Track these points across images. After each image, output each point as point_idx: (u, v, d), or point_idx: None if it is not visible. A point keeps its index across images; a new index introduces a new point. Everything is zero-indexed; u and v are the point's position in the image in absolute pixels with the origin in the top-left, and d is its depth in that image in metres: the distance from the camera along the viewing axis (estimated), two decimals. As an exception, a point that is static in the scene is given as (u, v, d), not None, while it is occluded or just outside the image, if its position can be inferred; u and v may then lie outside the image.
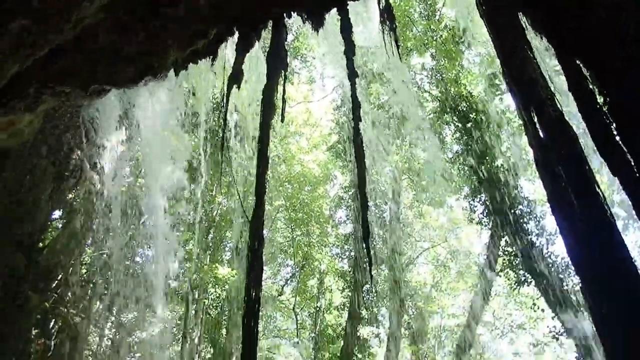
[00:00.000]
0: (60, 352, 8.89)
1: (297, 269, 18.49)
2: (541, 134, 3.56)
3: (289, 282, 19.61)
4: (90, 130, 7.71)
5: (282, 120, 5.03)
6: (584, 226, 3.15)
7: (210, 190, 14.64)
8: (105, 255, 10.34)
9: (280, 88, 5.17)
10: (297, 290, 19.02)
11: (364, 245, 4.15)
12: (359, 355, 14.93)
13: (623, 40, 3.23)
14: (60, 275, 9.25)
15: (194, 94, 10.56)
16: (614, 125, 3.32)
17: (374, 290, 15.87)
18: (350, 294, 15.31)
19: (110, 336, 13.65)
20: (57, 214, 9.91)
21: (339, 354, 15.13)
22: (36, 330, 8.98)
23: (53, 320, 9.35)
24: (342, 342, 14.91)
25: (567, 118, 3.68)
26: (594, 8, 3.37)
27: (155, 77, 5.14)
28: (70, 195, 9.02)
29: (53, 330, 9.34)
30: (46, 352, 9.05)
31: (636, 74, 3.16)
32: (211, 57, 5.48)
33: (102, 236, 9.61)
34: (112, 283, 10.25)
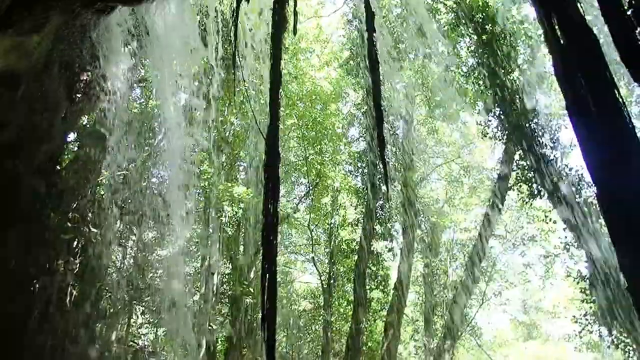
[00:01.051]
0: (86, 269, 9.23)
1: (311, 187, 18.68)
2: (561, 40, 3.44)
3: (302, 200, 19.89)
4: (99, 52, 7.60)
5: (295, 34, 4.90)
6: (602, 134, 3.10)
7: (222, 110, 14.59)
8: (122, 177, 10.50)
9: (291, 1, 5.01)
10: (311, 207, 19.33)
11: (380, 157, 4.13)
12: (373, 269, 15.37)
13: None
14: (80, 197, 9.46)
15: (204, 12, 10.31)
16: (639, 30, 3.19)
17: (387, 206, 16.08)
18: (363, 210, 15.53)
19: (133, 254, 14.11)
20: (71, 136, 10.01)
21: (353, 268, 15.58)
22: (60, 249, 9.28)
23: (76, 240, 9.65)
24: (356, 256, 15.29)
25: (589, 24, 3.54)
26: None
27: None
28: (83, 118, 9.04)
29: (77, 250, 9.67)
30: (72, 270, 9.42)
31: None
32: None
33: (117, 158, 9.72)
34: (131, 203, 10.48)
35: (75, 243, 9.62)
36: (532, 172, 12.14)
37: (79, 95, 7.84)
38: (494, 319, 30.92)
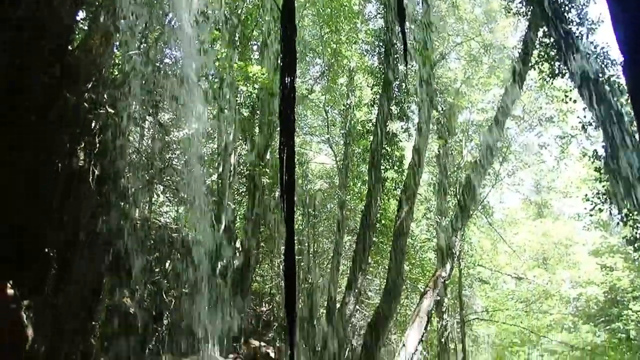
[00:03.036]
0: (106, 148, 9.41)
1: (326, 68, 18.34)
2: None
3: (318, 80, 19.62)
4: None
5: None
6: (638, 5, 2.94)
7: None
8: (134, 57, 10.34)
9: None
10: (326, 88, 19.11)
11: (400, 30, 3.98)
12: (388, 149, 15.46)
13: None
14: (93, 77, 9.42)
15: None
16: None
17: (404, 86, 15.83)
18: (379, 90, 15.32)
19: (150, 136, 14.29)
20: (81, 14, 9.75)
21: (368, 149, 15.68)
22: (79, 130, 9.40)
23: (93, 121, 9.75)
24: (371, 137, 15.33)
25: None
26: None
27: None
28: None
29: (95, 130, 9.79)
30: (93, 150, 9.61)
31: None
32: None
33: (129, 37, 9.52)
34: (145, 84, 10.42)
35: (92, 124, 9.73)
36: (555, 50, 11.71)
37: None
38: (506, 199, 31.66)
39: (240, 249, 15.36)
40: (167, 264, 14.16)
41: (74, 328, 9.57)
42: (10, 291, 7.06)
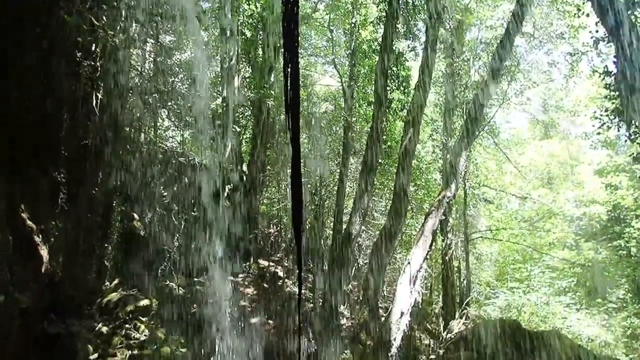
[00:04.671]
0: (108, 71, 9.28)
1: (330, -16, 17.71)
2: None
3: (322, -2, 19.01)
4: None
5: None
6: None
7: None
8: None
9: None
10: (330, 6, 18.52)
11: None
12: (394, 69, 15.17)
13: None
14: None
15: None
16: None
17: (410, 3, 15.31)
18: (385, 7, 14.81)
19: (152, 59, 14.05)
20: None
21: (374, 69, 15.38)
22: (80, 53, 9.24)
23: (94, 44, 9.55)
24: (377, 57, 15.00)
25: None
26: None
27: None
28: None
29: (95, 54, 9.62)
30: (94, 73, 9.48)
31: None
32: None
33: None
34: (144, 2, 10.12)
35: (93, 47, 9.55)
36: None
37: None
38: (513, 118, 31.39)
39: (247, 172, 15.48)
40: (174, 188, 14.33)
41: (87, 250, 9.84)
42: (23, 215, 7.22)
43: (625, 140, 11.57)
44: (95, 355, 9.06)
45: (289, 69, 2.55)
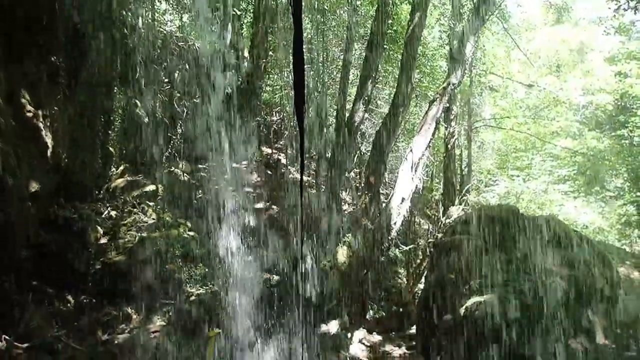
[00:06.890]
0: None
1: None
2: None
3: None
4: None
5: None
6: None
7: None
8: None
9: None
10: None
11: None
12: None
13: None
14: None
15: None
16: None
17: None
18: None
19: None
20: None
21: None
22: None
23: None
24: None
25: None
26: None
27: None
28: None
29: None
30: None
31: None
32: None
33: None
34: None
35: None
36: None
37: None
38: (524, 2, 30.00)
39: (249, 59, 15.13)
40: (176, 74, 14.10)
41: (91, 135, 9.90)
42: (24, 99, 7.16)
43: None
44: (106, 238, 9.41)
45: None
